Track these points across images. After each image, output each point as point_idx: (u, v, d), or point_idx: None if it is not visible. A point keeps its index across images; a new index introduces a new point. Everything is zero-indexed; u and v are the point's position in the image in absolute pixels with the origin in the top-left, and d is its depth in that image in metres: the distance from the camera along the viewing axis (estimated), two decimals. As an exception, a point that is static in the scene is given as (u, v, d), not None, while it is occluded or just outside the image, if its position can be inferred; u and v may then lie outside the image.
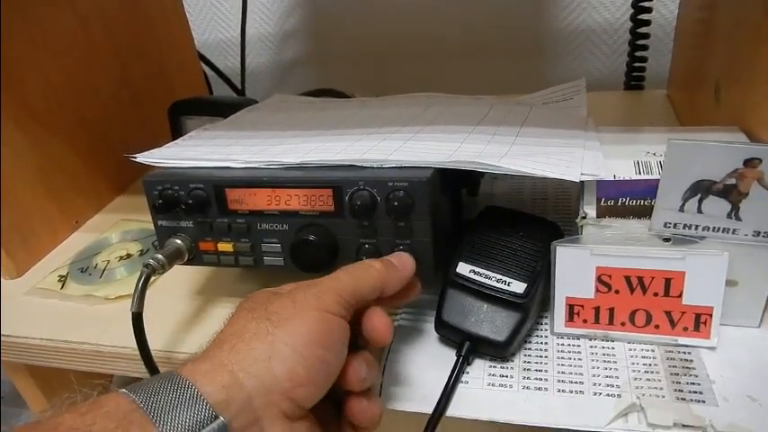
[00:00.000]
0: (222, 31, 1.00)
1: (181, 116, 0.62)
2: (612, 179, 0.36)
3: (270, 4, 0.97)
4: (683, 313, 0.37)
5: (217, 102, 0.64)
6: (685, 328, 0.37)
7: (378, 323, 0.33)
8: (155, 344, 0.41)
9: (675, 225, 0.36)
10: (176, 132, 0.63)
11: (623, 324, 0.38)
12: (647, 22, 0.72)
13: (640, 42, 0.73)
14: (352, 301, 0.32)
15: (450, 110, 0.54)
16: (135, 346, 0.40)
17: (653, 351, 0.38)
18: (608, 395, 0.35)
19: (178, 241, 0.42)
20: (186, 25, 0.81)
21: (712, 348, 0.37)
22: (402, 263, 0.36)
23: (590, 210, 0.37)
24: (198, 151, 0.46)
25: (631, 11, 0.75)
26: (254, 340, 0.29)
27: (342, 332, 0.31)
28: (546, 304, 0.41)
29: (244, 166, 0.42)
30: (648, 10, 0.71)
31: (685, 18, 0.69)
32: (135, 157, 0.45)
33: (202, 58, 0.86)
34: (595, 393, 0.35)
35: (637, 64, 0.74)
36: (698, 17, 0.65)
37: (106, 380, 0.51)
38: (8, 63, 0.53)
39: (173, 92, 0.63)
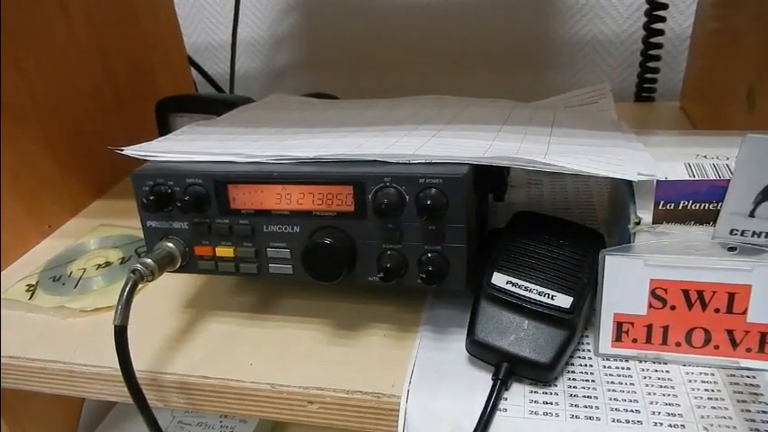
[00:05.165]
0: (212, 35, 0.95)
1: (170, 114, 0.57)
2: (673, 180, 0.32)
3: (262, 8, 0.92)
4: (747, 332, 0.33)
5: (210, 99, 0.59)
6: (748, 350, 0.33)
7: None
8: (138, 363, 0.35)
9: (743, 232, 0.32)
10: (164, 132, 0.57)
11: (678, 344, 0.34)
12: (661, 32, 0.69)
13: (653, 52, 0.70)
14: None
15: (468, 111, 0.50)
16: (113, 365, 0.35)
17: (713, 375, 0.33)
18: (670, 425, 0.30)
19: (170, 245, 0.37)
20: (176, 26, 0.76)
21: (778, 373, 0.33)
22: None
23: (645, 214, 0.33)
24: (194, 145, 0.41)
25: (639, 22, 0.73)
26: None
27: None
28: (588, 322, 0.36)
29: (249, 160, 0.37)
30: (662, 19, 0.68)
31: (702, 29, 0.67)
32: (122, 150, 0.39)
33: (191, 61, 0.81)
34: (656, 423, 0.30)
35: (649, 75, 0.72)
36: (715, 27, 0.63)
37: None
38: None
39: (159, 94, 0.58)
